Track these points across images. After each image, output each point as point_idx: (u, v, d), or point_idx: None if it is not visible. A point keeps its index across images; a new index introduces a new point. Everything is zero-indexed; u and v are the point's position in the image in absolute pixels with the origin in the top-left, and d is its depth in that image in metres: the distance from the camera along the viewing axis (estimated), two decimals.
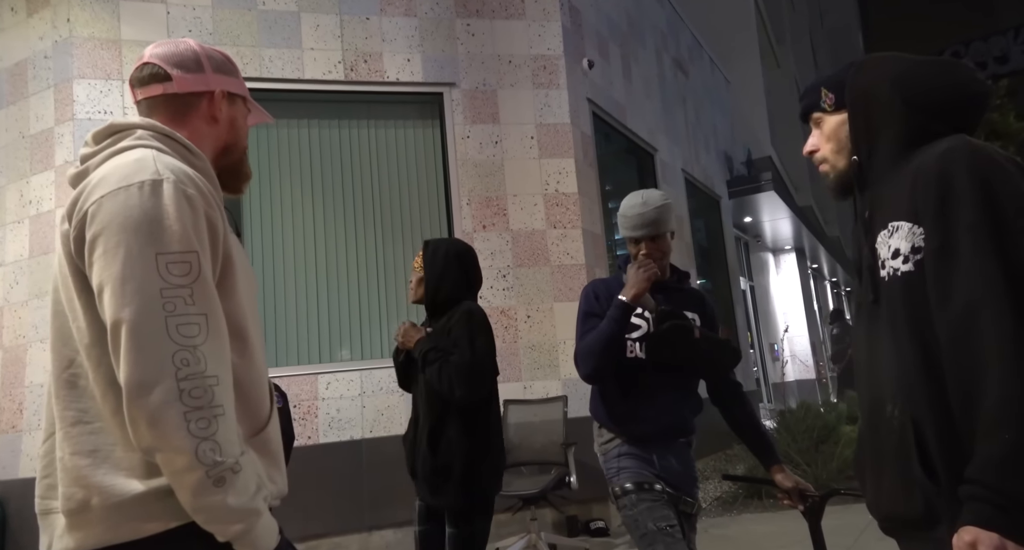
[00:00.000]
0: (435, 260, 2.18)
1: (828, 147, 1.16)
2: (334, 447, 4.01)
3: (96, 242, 0.88)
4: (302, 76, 4.42)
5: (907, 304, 1.00)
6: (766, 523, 4.31)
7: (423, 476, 2.06)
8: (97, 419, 0.91)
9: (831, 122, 1.15)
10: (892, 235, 1.03)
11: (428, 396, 2.09)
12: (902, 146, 1.06)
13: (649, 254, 1.88)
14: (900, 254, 1.01)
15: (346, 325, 4.37)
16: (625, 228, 1.93)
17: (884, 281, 1.04)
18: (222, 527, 0.87)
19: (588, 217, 4.81)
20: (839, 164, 1.15)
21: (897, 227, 1.02)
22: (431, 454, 2.04)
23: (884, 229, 1.04)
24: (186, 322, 0.86)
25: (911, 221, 1.00)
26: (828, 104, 1.15)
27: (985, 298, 0.89)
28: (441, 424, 2.05)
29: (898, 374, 1.01)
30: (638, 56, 6.56)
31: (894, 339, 1.02)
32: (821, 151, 1.18)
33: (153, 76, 1.06)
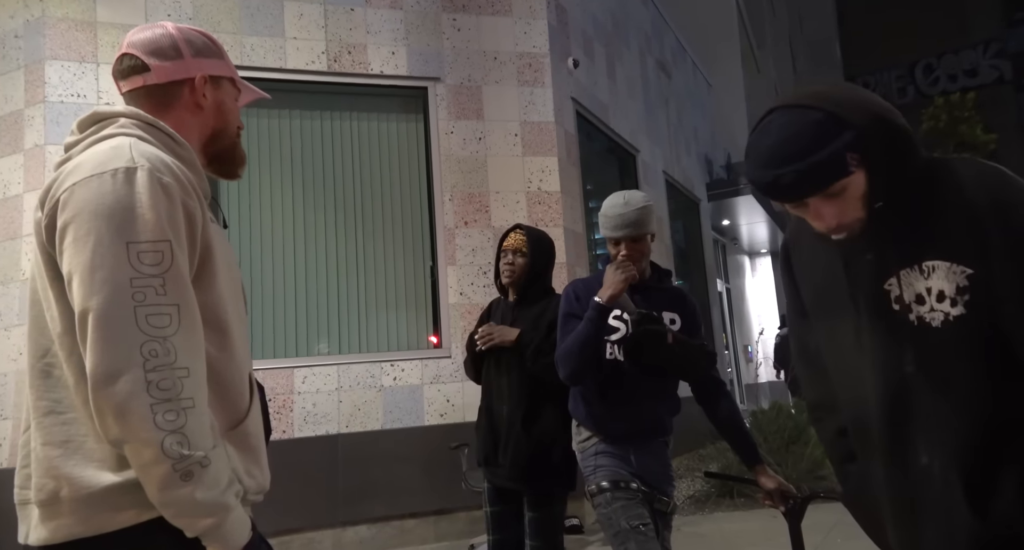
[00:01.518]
0: (541, 248, 2.22)
1: (854, 208, 0.98)
2: (309, 442, 3.97)
3: (67, 230, 0.86)
4: (284, 66, 4.36)
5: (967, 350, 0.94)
6: (738, 521, 4.37)
7: (515, 459, 2.07)
8: (70, 409, 0.89)
9: (858, 181, 0.96)
10: (929, 276, 0.96)
11: (520, 380, 2.12)
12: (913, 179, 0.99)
13: (628, 255, 1.88)
14: (945, 297, 0.94)
15: (324, 318, 4.33)
16: (606, 228, 1.93)
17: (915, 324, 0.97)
18: (190, 521, 0.85)
19: (570, 216, 4.83)
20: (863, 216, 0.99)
21: (933, 267, 0.95)
22: (526, 435, 2.07)
23: (907, 268, 0.98)
24: (156, 313, 0.85)
25: (950, 260, 0.94)
26: (855, 164, 0.95)
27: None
28: (535, 407, 2.10)
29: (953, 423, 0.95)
30: (622, 56, 6.59)
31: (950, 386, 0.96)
32: (848, 217, 0.98)
33: (132, 68, 1.04)
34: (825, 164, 0.93)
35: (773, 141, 0.96)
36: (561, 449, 2.08)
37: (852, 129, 0.94)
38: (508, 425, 2.12)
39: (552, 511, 2.09)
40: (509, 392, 2.13)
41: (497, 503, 2.18)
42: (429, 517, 4.12)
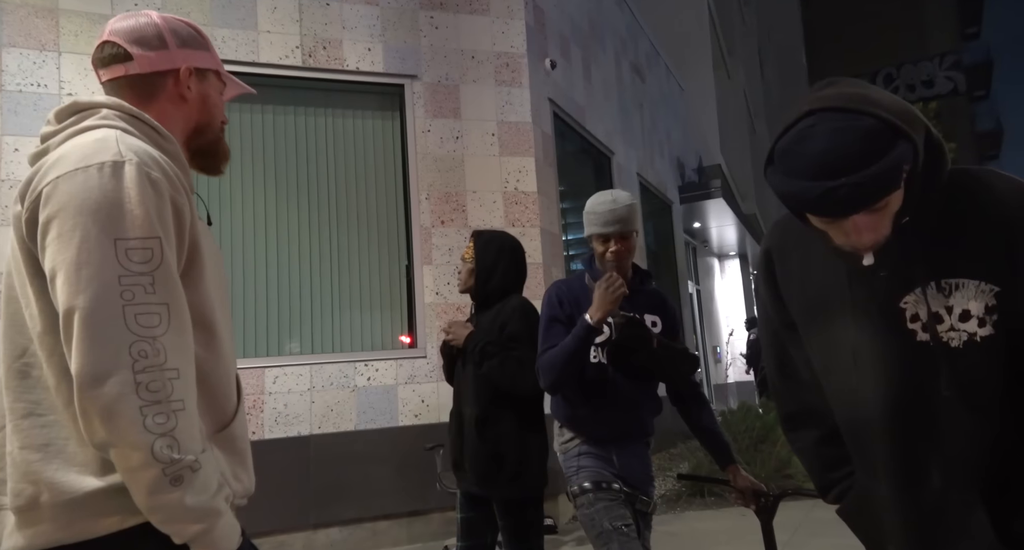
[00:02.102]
0: (488, 251, 2.17)
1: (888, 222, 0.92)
2: (280, 443, 3.89)
3: (50, 225, 0.82)
4: (257, 59, 4.27)
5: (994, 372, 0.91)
6: (709, 520, 4.44)
7: (473, 465, 2.04)
8: (50, 412, 0.85)
9: (898, 197, 0.90)
10: (951, 294, 0.92)
11: (476, 386, 2.08)
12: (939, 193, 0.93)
13: (617, 252, 1.88)
14: (972, 316, 0.91)
15: (296, 317, 4.25)
16: (595, 224, 1.90)
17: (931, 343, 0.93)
18: (179, 527, 0.82)
19: (546, 217, 4.84)
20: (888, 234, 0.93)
21: (955, 285, 0.91)
22: (480, 442, 2.03)
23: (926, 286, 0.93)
24: (145, 312, 0.81)
25: (978, 278, 0.90)
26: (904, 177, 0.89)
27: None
28: (490, 413, 2.05)
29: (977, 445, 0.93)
30: (598, 59, 6.64)
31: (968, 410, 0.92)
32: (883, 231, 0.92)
33: (113, 57, 1.00)
34: (882, 177, 0.85)
35: (823, 148, 0.87)
36: (519, 452, 2.02)
37: (907, 140, 0.86)
38: (468, 429, 2.09)
39: (524, 517, 2.03)
40: (470, 396, 2.10)
41: (468, 509, 2.14)
42: (402, 519, 4.08)
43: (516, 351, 2.02)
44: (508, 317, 2.08)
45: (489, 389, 2.05)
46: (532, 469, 2.04)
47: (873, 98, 0.89)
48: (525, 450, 2.03)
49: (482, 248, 2.17)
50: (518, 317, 2.06)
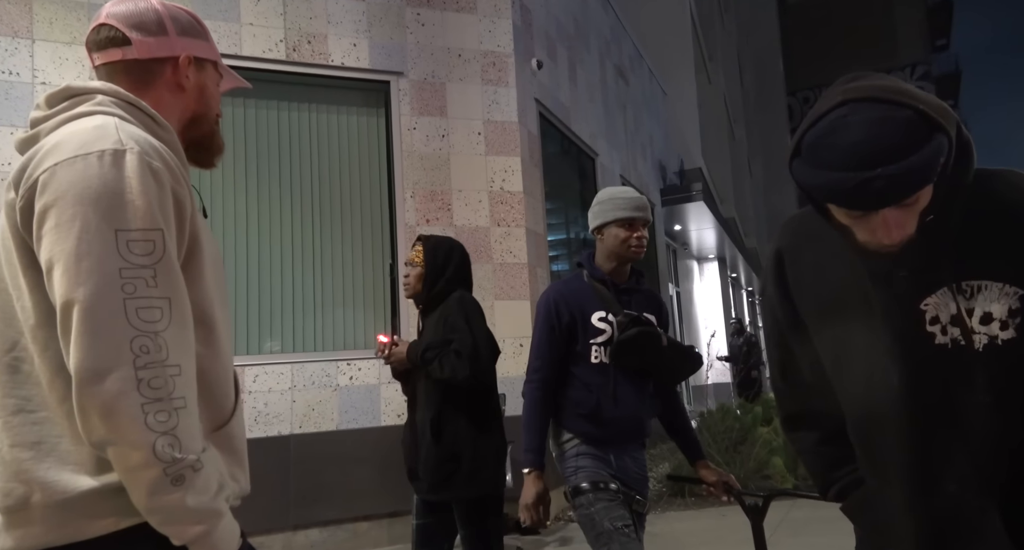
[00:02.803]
0: (437, 255, 2.16)
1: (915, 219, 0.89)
2: (260, 442, 3.82)
3: (47, 214, 0.78)
4: (239, 52, 4.19)
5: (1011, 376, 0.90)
6: (689, 520, 4.48)
7: (427, 470, 2.02)
8: (42, 408, 0.81)
9: (928, 192, 0.88)
10: (972, 296, 0.90)
11: (427, 389, 2.08)
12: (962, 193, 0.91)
13: (641, 238, 1.89)
14: (993, 318, 0.89)
15: (278, 315, 4.18)
16: (622, 209, 1.88)
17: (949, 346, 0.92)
18: (179, 529, 0.79)
19: (532, 217, 4.84)
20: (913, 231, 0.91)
21: (978, 287, 0.90)
22: (435, 444, 2.01)
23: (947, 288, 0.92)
24: (147, 306, 0.78)
25: (1002, 280, 0.88)
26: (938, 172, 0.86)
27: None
28: (443, 414, 2.04)
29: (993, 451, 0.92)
30: (583, 60, 6.66)
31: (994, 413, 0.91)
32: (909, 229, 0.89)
33: (110, 40, 0.96)
34: (920, 169, 0.82)
35: (859, 138, 0.84)
36: (473, 452, 2.00)
37: (943, 133, 0.84)
38: (421, 435, 2.07)
39: (484, 525, 2.01)
40: (423, 401, 2.09)
41: (424, 515, 2.12)
42: (383, 520, 4.04)
43: (453, 343, 2.02)
44: (447, 312, 2.10)
45: (439, 392, 2.05)
46: (488, 468, 2.03)
47: (908, 90, 0.86)
48: (479, 450, 2.02)
49: (431, 252, 2.15)
50: (455, 309, 2.08)
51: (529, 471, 1.79)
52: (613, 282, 1.93)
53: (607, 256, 1.94)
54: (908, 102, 0.84)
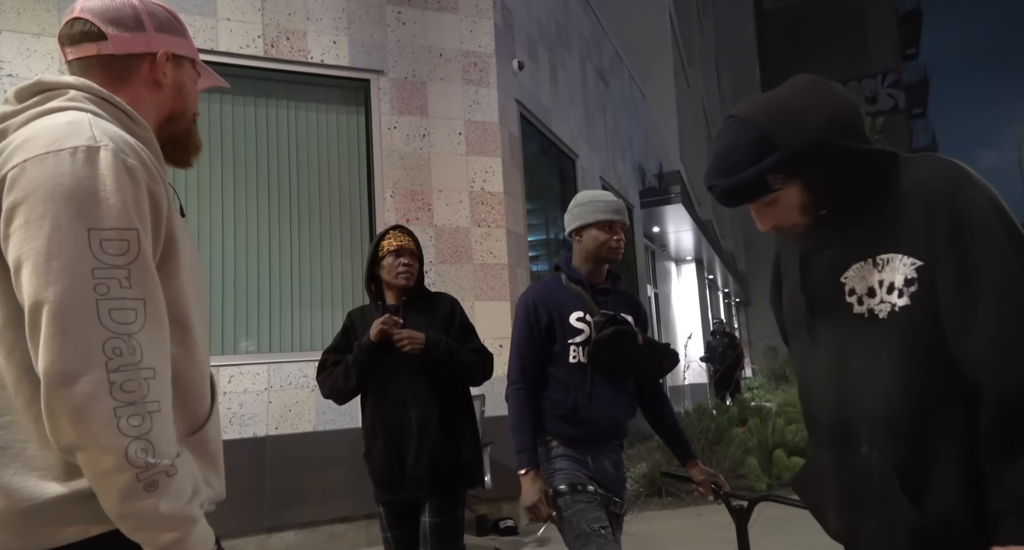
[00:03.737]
0: (418, 245, 2.20)
1: (795, 213, 1.04)
2: (235, 444, 3.76)
3: (16, 211, 0.76)
4: (216, 47, 4.12)
5: (906, 341, 0.96)
6: (666, 520, 4.52)
7: (430, 465, 2.00)
8: (7, 412, 0.79)
9: (788, 195, 1.03)
10: (883, 269, 0.98)
11: (430, 384, 2.05)
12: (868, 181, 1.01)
13: (619, 241, 1.93)
14: (894, 288, 0.97)
15: (254, 315, 4.12)
16: (601, 211, 1.91)
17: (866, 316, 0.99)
18: (152, 535, 0.77)
19: (512, 217, 4.84)
20: (808, 220, 1.05)
21: (887, 260, 0.98)
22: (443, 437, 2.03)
23: (861, 262, 1.00)
24: (121, 307, 0.76)
25: (901, 252, 0.96)
26: (779, 184, 1.02)
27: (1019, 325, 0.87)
28: (446, 410, 2.06)
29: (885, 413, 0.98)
30: (564, 62, 6.68)
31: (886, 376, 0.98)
32: (787, 221, 1.05)
33: (85, 34, 0.94)
34: (745, 185, 1.02)
35: (715, 152, 1.05)
36: (472, 447, 2.08)
37: (778, 152, 0.99)
38: (420, 430, 2.01)
39: (456, 515, 2.04)
40: (415, 398, 2.03)
41: (396, 526, 2.08)
42: (360, 521, 4.00)
43: (472, 343, 2.12)
44: (450, 312, 2.13)
45: (440, 387, 2.05)
46: (480, 463, 2.11)
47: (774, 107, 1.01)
48: (476, 445, 2.10)
49: (418, 245, 2.19)
50: (459, 311, 2.16)
51: (526, 471, 1.78)
52: (591, 283, 1.95)
53: (585, 258, 1.96)
54: (759, 123, 1.01)
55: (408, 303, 2.15)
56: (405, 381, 2.04)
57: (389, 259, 2.12)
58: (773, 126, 1.00)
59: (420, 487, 2.01)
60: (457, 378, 2.10)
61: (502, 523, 4.22)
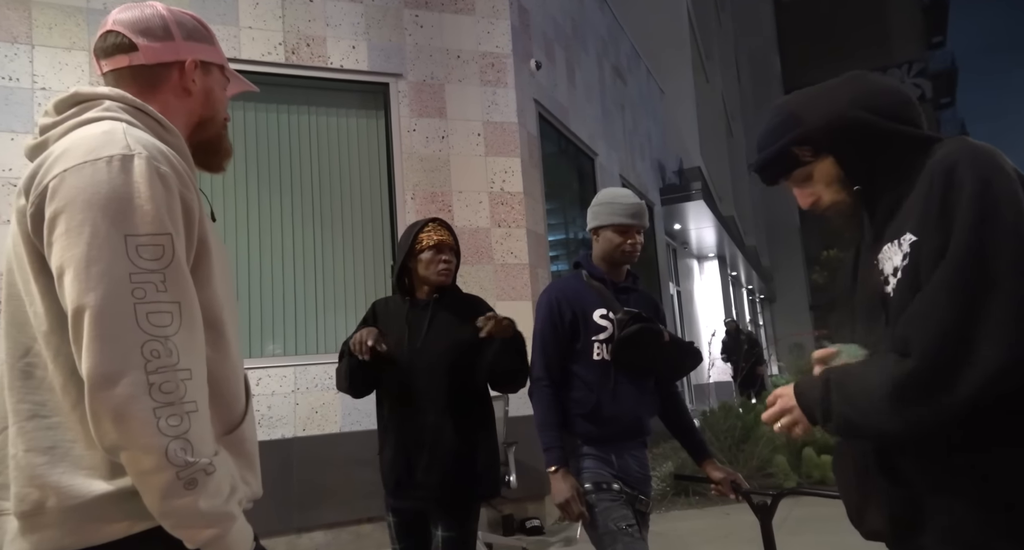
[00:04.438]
0: (457, 241, 2.06)
1: (830, 190, 1.09)
2: (263, 446, 3.78)
3: (57, 220, 0.79)
4: (239, 56, 4.19)
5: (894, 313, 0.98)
6: (693, 519, 4.48)
7: (443, 474, 1.88)
8: (55, 413, 0.82)
9: (822, 169, 1.08)
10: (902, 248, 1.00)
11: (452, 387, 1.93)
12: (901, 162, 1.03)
13: (635, 245, 1.91)
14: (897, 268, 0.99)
15: (280, 318, 4.19)
16: (622, 214, 1.89)
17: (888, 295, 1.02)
18: (192, 532, 0.80)
19: (532, 217, 4.84)
20: (847, 198, 1.09)
21: (899, 242, 1.00)
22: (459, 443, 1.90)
23: (890, 243, 1.02)
24: (157, 310, 0.79)
25: (908, 231, 0.98)
26: (808, 157, 1.08)
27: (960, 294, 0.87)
28: (465, 414, 1.95)
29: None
30: (581, 61, 6.67)
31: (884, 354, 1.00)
32: (824, 199, 1.10)
33: (117, 46, 0.97)
34: (775, 157, 1.11)
35: (759, 131, 1.16)
36: (487, 456, 1.95)
37: (798, 127, 1.08)
38: (434, 437, 1.89)
39: (467, 529, 1.92)
40: (433, 402, 1.90)
41: (405, 538, 1.95)
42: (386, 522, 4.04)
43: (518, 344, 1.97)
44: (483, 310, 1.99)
45: (461, 393, 1.93)
46: (498, 473, 1.99)
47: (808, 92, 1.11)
48: (494, 454, 1.98)
49: (455, 236, 2.05)
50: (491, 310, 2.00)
51: (556, 469, 1.77)
52: (611, 281, 1.94)
53: (601, 257, 1.96)
54: (790, 105, 1.11)
55: (439, 301, 2.02)
56: (424, 383, 1.93)
57: (428, 254, 1.99)
58: (801, 105, 1.09)
59: (429, 496, 1.89)
60: (494, 380, 1.97)
61: (528, 523, 4.23)
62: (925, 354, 0.88)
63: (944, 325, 0.87)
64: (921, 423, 0.89)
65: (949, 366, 0.86)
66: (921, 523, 0.96)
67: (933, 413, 0.88)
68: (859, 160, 1.05)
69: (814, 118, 1.06)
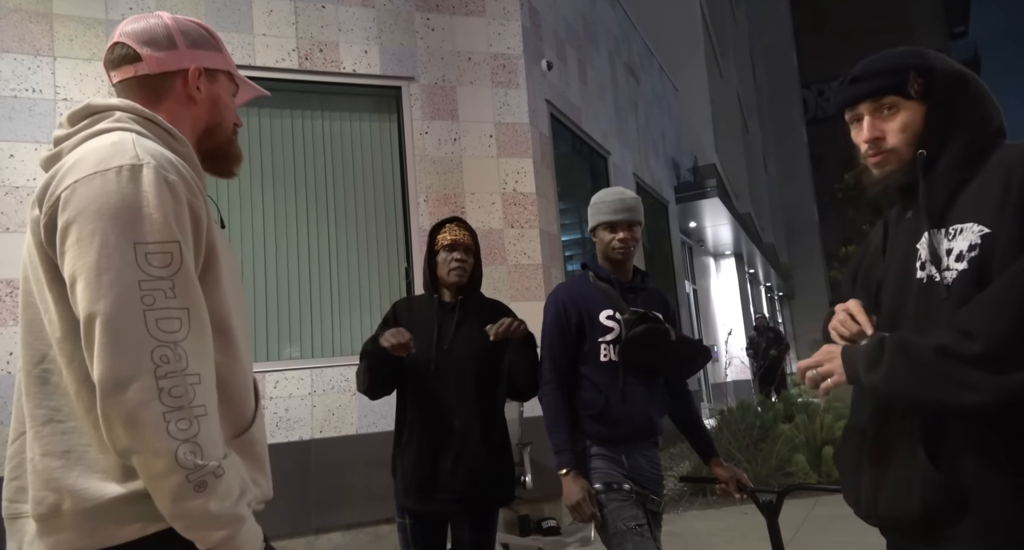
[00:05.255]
0: (475, 239, 2.03)
1: (901, 138, 1.05)
2: (281, 447, 3.87)
3: (69, 230, 0.81)
4: (253, 63, 4.25)
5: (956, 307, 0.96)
6: (711, 519, 4.45)
7: (470, 478, 1.85)
8: (70, 418, 0.84)
9: (912, 110, 1.04)
10: (955, 237, 0.98)
11: (479, 389, 1.90)
12: (974, 148, 1.02)
13: (624, 240, 1.90)
14: (963, 256, 0.96)
15: (296, 321, 4.23)
16: (604, 212, 1.92)
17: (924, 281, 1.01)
18: (203, 534, 0.81)
19: (545, 217, 4.84)
20: (906, 156, 1.05)
21: (960, 229, 0.98)
22: (485, 448, 1.88)
23: (934, 230, 1.01)
24: (166, 316, 0.81)
25: (976, 221, 0.96)
26: (915, 90, 1.04)
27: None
28: (491, 417, 1.93)
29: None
30: (592, 60, 6.65)
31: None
32: (890, 140, 1.06)
33: (124, 57, 0.99)
34: (886, 71, 1.06)
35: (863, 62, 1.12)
36: (507, 462, 1.96)
37: (929, 61, 1.05)
38: (461, 440, 1.86)
39: (491, 532, 1.93)
40: (461, 405, 1.87)
41: (420, 542, 1.91)
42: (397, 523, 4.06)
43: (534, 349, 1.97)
44: (505, 313, 1.98)
45: (487, 396, 1.91)
46: (512, 479, 1.97)
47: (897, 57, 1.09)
48: (511, 461, 1.98)
49: (477, 241, 2.03)
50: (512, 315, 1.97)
51: (567, 471, 1.77)
52: (618, 281, 1.94)
53: (602, 257, 1.98)
54: (914, 50, 1.09)
55: (464, 303, 1.98)
56: (451, 385, 1.89)
57: (443, 254, 1.97)
58: (931, 52, 1.08)
59: (453, 501, 1.86)
60: (513, 385, 1.95)
61: (544, 523, 4.23)
62: (991, 340, 0.88)
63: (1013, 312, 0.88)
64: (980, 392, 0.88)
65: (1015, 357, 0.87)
66: (961, 513, 0.93)
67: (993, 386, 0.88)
68: (947, 121, 1.02)
69: (944, 64, 1.05)
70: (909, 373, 0.94)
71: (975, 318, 0.91)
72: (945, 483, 0.95)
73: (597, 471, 1.82)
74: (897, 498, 1.00)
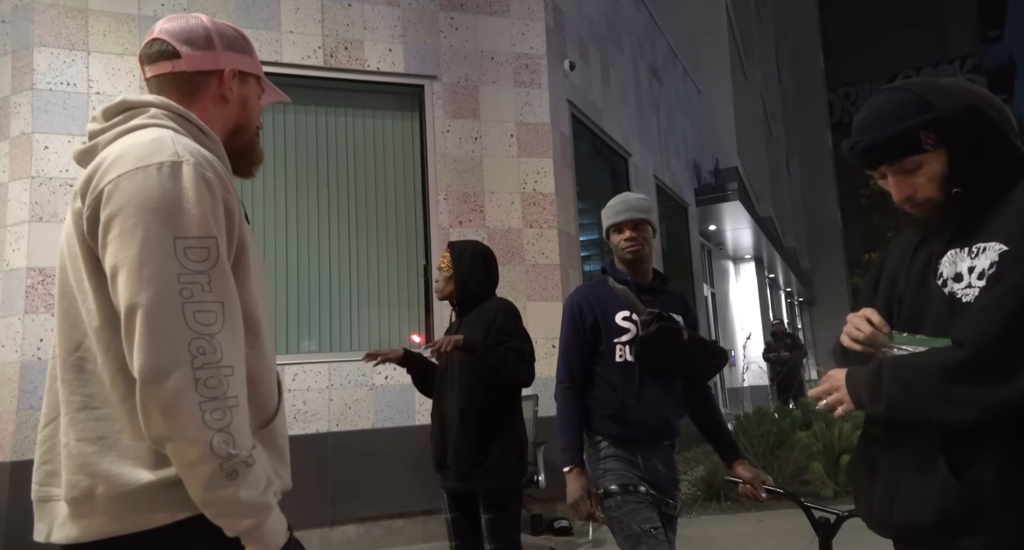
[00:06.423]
0: (463, 260, 2.32)
1: (931, 188, 1.05)
2: (298, 440, 3.93)
3: (112, 223, 0.84)
4: (280, 60, 4.31)
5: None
6: (724, 524, 4.42)
7: (456, 460, 2.13)
8: (104, 405, 0.87)
9: (933, 161, 1.03)
10: (978, 255, 0.99)
11: (461, 381, 2.17)
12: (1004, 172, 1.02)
13: (632, 239, 1.93)
14: (984, 275, 0.97)
15: (315, 316, 4.29)
16: (608, 217, 2.00)
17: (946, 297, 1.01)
18: (233, 521, 0.84)
19: (564, 218, 4.84)
20: (940, 200, 1.05)
21: (984, 248, 0.99)
22: (463, 434, 2.12)
23: (957, 249, 1.02)
24: (203, 309, 0.84)
25: (1000, 240, 0.97)
26: (931, 144, 1.03)
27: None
28: (472, 406, 2.15)
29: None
30: (615, 60, 6.63)
31: None
32: (920, 194, 1.06)
33: (162, 53, 1.02)
34: (897, 137, 1.03)
35: (864, 113, 1.08)
36: (500, 443, 2.13)
37: (934, 111, 1.01)
38: (450, 424, 2.17)
39: (508, 511, 2.11)
40: (454, 395, 2.19)
41: (454, 509, 2.21)
42: (418, 517, 4.10)
43: (511, 343, 2.16)
44: (492, 316, 2.22)
45: (472, 382, 2.15)
46: (511, 459, 2.13)
47: (933, 82, 1.06)
48: (505, 441, 2.14)
49: (458, 258, 2.32)
50: (503, 315, 2.23)
51: (570, 469, 1.81)
52: (636, 283, 1.96)
53: (617, 260, 2.03)
54: (916, 89, 1.04)
55: (460, 312, 2.33)
56: (451, 377, 2.21)
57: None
58: (930, 90, 1.04)
59: (456, 478, 2.14)
60: (492, 378, 2.15)
61: (556, 523, 4.24)
62: (976, 345, 0.89)
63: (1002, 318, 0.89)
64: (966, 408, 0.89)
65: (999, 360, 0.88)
66: (977, 524, 0.93)
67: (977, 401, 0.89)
68: (971, 160, 1.01)
69: (949, 105, 1.01)
70: (905, 397, 0.96)
71: (965, 327, 0.93)
72: (963, 493, 0.94)
73: (612, 472, 1.82)
74: (912, 507, 0.99)
